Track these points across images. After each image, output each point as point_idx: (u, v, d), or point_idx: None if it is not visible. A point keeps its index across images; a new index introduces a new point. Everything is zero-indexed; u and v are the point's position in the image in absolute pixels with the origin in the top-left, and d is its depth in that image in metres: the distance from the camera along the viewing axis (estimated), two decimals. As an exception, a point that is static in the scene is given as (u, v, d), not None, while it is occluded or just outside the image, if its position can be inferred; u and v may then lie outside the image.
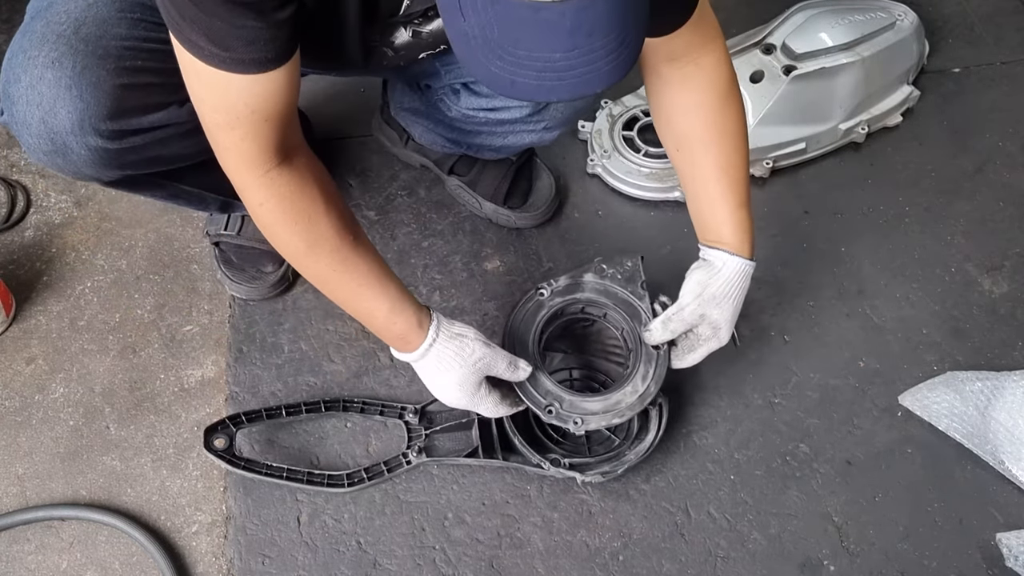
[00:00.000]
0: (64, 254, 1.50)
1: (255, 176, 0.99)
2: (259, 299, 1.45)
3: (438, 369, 1.12)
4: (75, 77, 0.98)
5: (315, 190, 1.02)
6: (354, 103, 1.69)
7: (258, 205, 1.01)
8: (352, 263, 1.06)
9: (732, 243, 1.18)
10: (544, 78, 0.76)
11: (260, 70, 0.90)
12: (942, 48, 1.85)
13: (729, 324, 1.20)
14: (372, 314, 1.09)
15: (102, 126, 1.01)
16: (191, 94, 0.95)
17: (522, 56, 0.75)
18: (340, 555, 1.24)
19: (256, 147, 0.96)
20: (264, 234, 1.06)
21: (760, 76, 1.60)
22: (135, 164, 1.09)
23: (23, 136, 1.02)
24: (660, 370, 1.21)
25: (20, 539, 1.24)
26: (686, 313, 1.19)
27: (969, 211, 1.61)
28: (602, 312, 1.29)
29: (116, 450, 1.32)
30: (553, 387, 1.19)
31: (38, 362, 1.39)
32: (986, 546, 1.26)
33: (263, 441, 1.32)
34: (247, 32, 0.86)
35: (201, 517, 1.26)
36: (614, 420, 1.18)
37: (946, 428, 1.34)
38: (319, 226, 1.02)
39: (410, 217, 1.57)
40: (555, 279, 1.27)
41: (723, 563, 1.24)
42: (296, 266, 1.09)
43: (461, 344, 1.12)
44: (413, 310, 1.10)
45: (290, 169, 1.00)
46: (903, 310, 1.49)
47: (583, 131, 1.66)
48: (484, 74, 0.79)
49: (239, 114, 0.93)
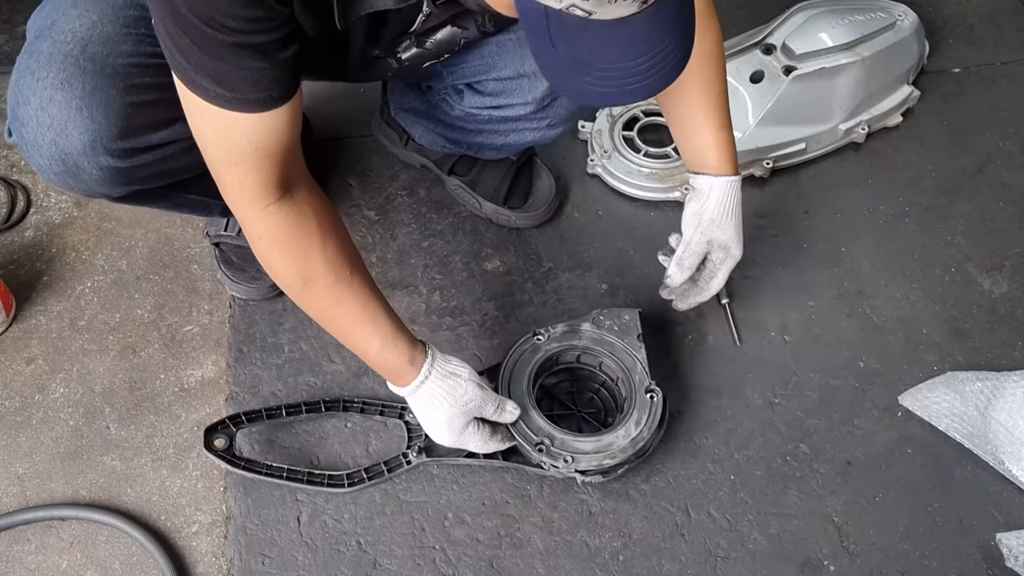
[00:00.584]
0: (64, 254, 1.51)
1: (255, 210, 1.00)
2: (259, 299, 1.45)
3: (430, 405, 1.14)
4: (85, 98, 0.98)
5: (312, 225, 1.03)
6: (354, 103, 1.69)
7: (257, 239, 1.03)
8: (347, 300, 1.08)
9: (716, 165, 1.23)
10: (625, 83, 0.81)
11: (265, 108, 0.91)
12: (942, 48, 1.85)
13: (736, 239, 1.26)
14: (365, 350, 1.12)
15: (113, 145, 1.01)
16: (194, 131, 0.96)
17: (607, 69, 0.80)
18: (340, 555, 1.24)
19: (258, 182, 0.97)
20: (263, 266, 1.07)
21: (760, 76, 1.60)
22: (144, 179, 1.10)
23: (34, 157, 1.02)
24: (653, 418, 1.24)
25: (20, 539, 1.24)
26: (693, 244, 1.26)
27: (969, 211, 1.61)
28: (598, 361, 1.32)
29: (116, 450, 1.32)
30: (545, 425, 1.22)
31: (38, 362, 1.39)
32: (986, 546, 1.26)
33: (263, 441, 1.32)
34: (251, 73, 0.88)
35: (201, 517, 1.26)
36: (605, 461, 1.21)
37: (946, 428, 1.34)
38: (314, 262, 1.04)
39: (410, 217, 1.57)
40: (552, 326, 1.32)
41: (723, 563, 1.24)
42: (292, 299, 1.11)
43: (454, 384, 1.14)
44: (406, 347, 1.12)
45: (290, 203, 1.01)
46: (903, 310, 1.49)
47: (583, 131, 1.66)
48: (574, 91, 0.85)
49: (243, 151, 0.94)
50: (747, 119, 1.59)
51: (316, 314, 1.11)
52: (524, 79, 1.20)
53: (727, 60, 1.62)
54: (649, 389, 1.27)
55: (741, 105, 1.60)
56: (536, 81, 1.20)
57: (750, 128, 1.58)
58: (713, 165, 1.23)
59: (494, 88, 1.24)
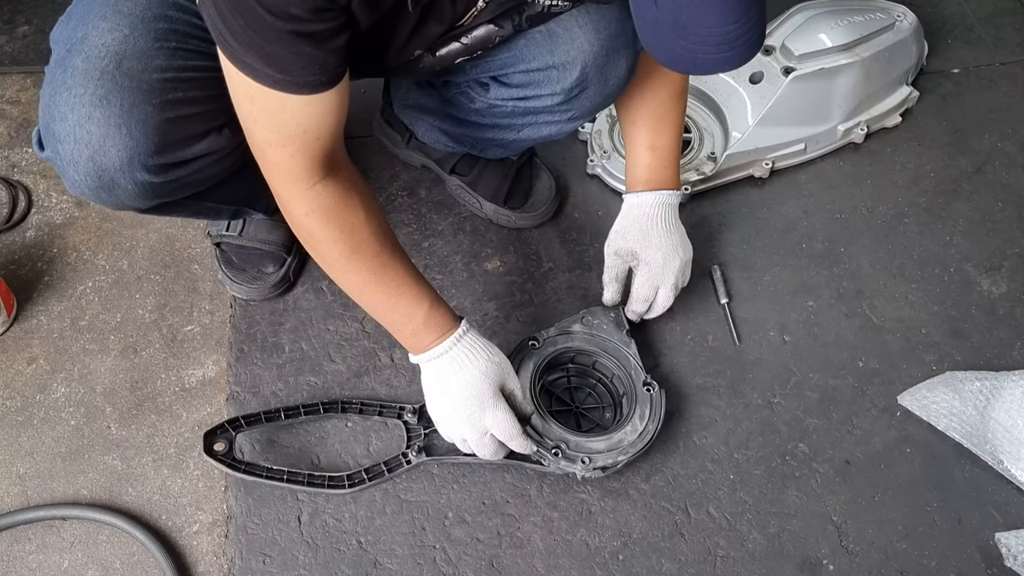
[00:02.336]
0: (65, 254, 1.51)
1: (301, 189, 1.02)
2: (260, 299, 1.45)
3: (467, 357, 1.15)
4: (124, 115, 0.98)
5: (356, 200, 1.07)
6: (354, 103, 1.66)
7: (304, 215, 1.05)
8: (392, 267, 1.12)
9: (637, 183, 1.31)
10: (720, 50, 0.84)
11: (314, 91, 0.93)
12: (941, 49, 1.86)
13: (644, 246, 1.30)
14: (412, 313, 1.13)
15: (150, 162, 1.02)
16: (240, 113, 0.97)
17: (704, 33, 0.83)
18: (341, 554, 1.24)
19: (305, 163, 1.00)
20: (306, 241, 1.10)
21: (759, 77, 1.61)
22: (173, 192, 1.11)
23: (68, 173, 1.03)
24: (657, 410, 1.27)
25: (21, 538, 1.24)
26: (606, 261, 1.34)
27: (968, 211, 1.61)
28: (592, 360, 1.34)
29: (117, 450, 1.32)
30: (557, 429, 1.24)
31: (39, 362, 1.40)
32: (985, 546, 1.26)
33: (264, 441, 1.32)
34: (303, 58, 0.89)
35: (202, 516, 1.27)
36: (619, 457, 1.23)
37: (945, 428, 1.34)
38: (361, 233, 1.08)
39: (411, 217, 1.57)
40: (545, 330, 1.34)
41: (722, 562, 1.25)
42: (336, 272, 1.12)
43: (487, 343, 1.18)
44: (449, 309, 1.16)
45: (335, 181, 1.04)
46: (902, 310, 1.49)
47: (583, 132, 1.66)
48: (669, 55, 0.87)
49: (291, 133, 0.96)
50: (746, 120, 1.59)
51: (360, 284, 1.12)
52: (553, 70, 1.19)
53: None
54: (646, 383, 1.29)
55: (741, 106, 1.61)
56: (564, 72, 1.19)
57: (749, 129, 1.58)
58: (628, 184, 1.33)
59: (521, 80, 1.23)
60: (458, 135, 1.46)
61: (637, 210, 1.30)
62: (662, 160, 1.29)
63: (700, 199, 1.61)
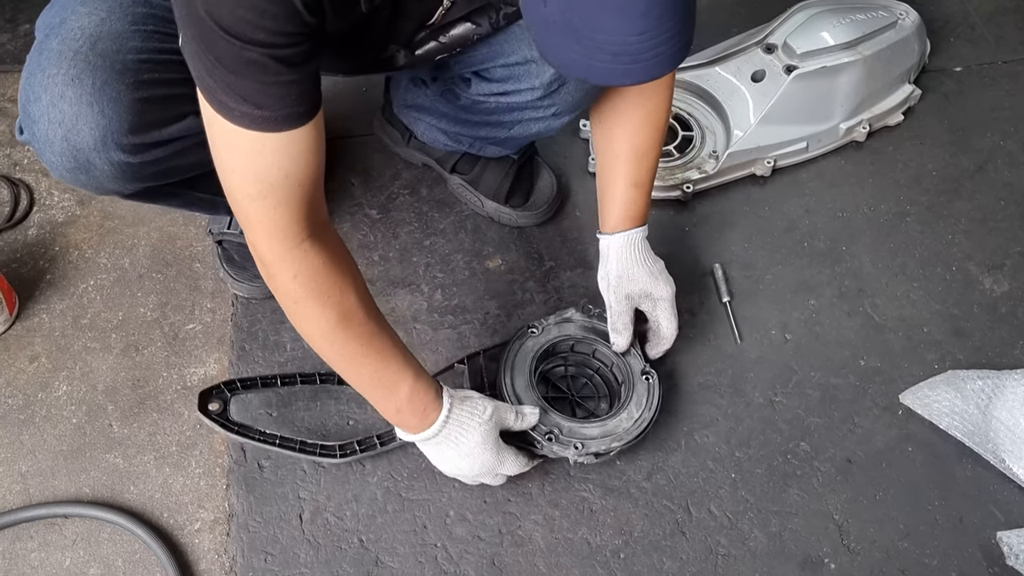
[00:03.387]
0: (67, 252, 1.51)
1: (287, 248, 0.96)
2: (261, 298, 1.45)
3: (461, 433, 1.14)
4: (95, 93, 0.98)
5: (345, 265, 1.02)
6: (356, 102, 1.70)
7: (291, 279, 0.98)
8: (379, 336, 1.07)
9: (613, 223, 1.26)
10: (619, 61, 0.79)
11: (293, 126, 0.89)
12: (943, 47, 1.85)
13: (654, 282, 1.27)
14: (397, 386, 1.09)
15: (124, 140, 1.02)
16: (220, 167, 0.94)
17: (600, 40, 0.78)
18: (342, 552, 1.24)
19: (289, 215, 0.94)
20: (290, 310, 1.03)
21: (761, 75, 1.60)
22: (155, 176, 1.10)
23: (45, 154, 1.03)
24: (653, 399, 1.27)
25: (24, 536, 1.24)
26: (615, 306, 1.27)
27: (970, 210, 1.61)
28: (591, 348, 1.34)
29: (119, 448, 1.32)
30: (553, 416, 1.23)
31: (41, 360, 1.40)
32: (987, 544, 1.26)
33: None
34: (278, 88, 0.86)
35: (203, 514, 1.27)
36: (613, 444, 1.22)
37: (947, 427, 1.34)
38: (350, 300, 1.02)
39: (412, 216, 1.57)
40: (545, 318, 1.34)
41: (724, 561, 1.25)
42: (320, 342, 1.05)
43: (472, 405, 1.15)
44: (430, 381, 1.12)
45: (322, 243, 0.99)
46: (904, 309, 1.49)
47: (584, 130, 1.66)
48: (561, 59, 0.82)
49: (273, 180, 0.91)
50: (748, 118, 1.59)
51: (347, 355, 1.07)
52: (531, 64, 1.20)
53: (729, 59, 1.64)
54: (644, 372, 1.29)
55: (742, 104, 1.61)
56: (543, 66, 1.19)
57: (751, 127, 1.58)
58: (610, 224, 1.26)
59: (501, 74, 1.24)
60: (455, 134, 1.46)
61: (630, 251, 1.26)
62: (644, 196, 1.26)
63: (702, 197, 1.61)
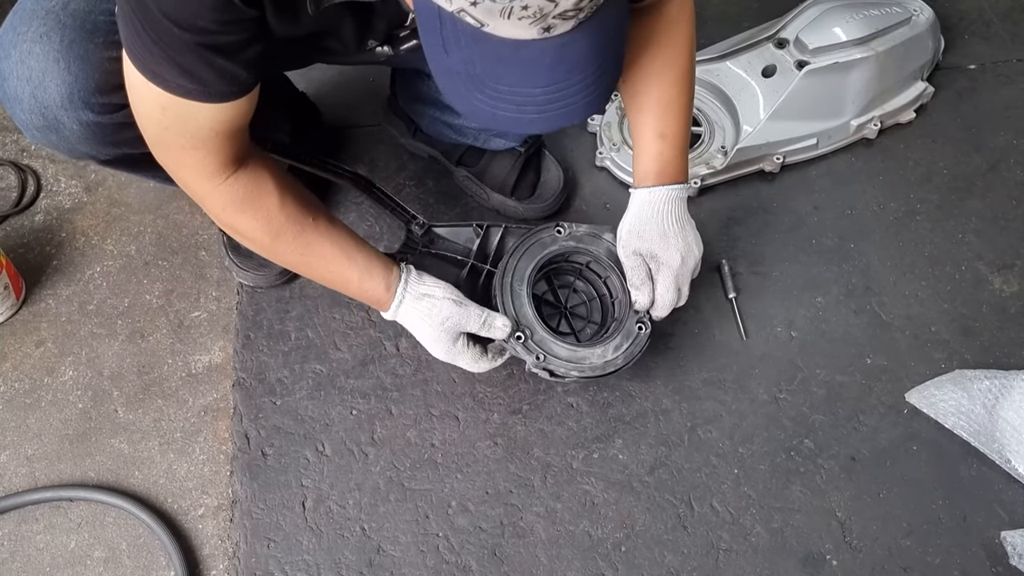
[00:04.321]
0: (74, 239, 1.52)
1: (214, 185, 1.03)
2: (266, 287, 1.46)
3: (411, 326, 1.18)
4: (63, 50, 0.99)
5: (270, 185, 1.07)
6: (363, 92, 1.70)
7: (221, 209, 1.07)
8: (316, 244, 1.12)
9: (638, 176, 1.22)
10: (524, 111, 0.78)
11: (227, 100, 0.93)
12: (958, 44, 1.84)
13: (664, 247, 1.21)
14: (346, 285, 1.16)
15: (92, 100, 1.02)
16: (148, 123, 0.97)
17: (503, 91, 0.77)
18: (344, 540, 1.25)
19: (218, 162, 1.01)
20: (230, 233, 1.12)
21: (772, 70, 1.59)
22: (129, 142, 1.09)
23: (15, 112, 1.04)
24: (633, 349, 1.21)
25: (29, 519, 1.25)
26: (624, 262, 1.23)
27: (981, 209, 1.60)
28: (605, 275, 1.30)
29: (124, 433, 1.33)
30: (532, 318, 1.20)
31: (47, 345, 1.41)
32: (990, 544, 1.26)
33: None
34: (215, 69, 0.89)
35: (207, 500, 1.27)
36: (572, 372, 1.19)
37: (953, 426, 1.33)
38: (278, 217, 1.08)
39: (419, 207, 1.57)
40: (577, 224, 1.29)
41: (725, 556, 1.24)
42: (265, 253, 1.14)
43: (428, 304, 1.16)
44: (382, 275, 1.15)
45: (246, 171, 1.05)
46: (912, 307, 1.48)
47: (592, 124, 1.65)
48: (466, 106, 0.82)
49: (204, 137, 0.97)
50: (758, 113, 1.58)
51: (292, 264, 1.15)
52: None
53: (740, 54, 1.63)
54: (640, 320, 1.24)
55: (752, 99, 1.60)
56: None
57: (761, 122, 1.57)
58: (636, 178, 1.22)
59: None
60: (459, 126, 1.46)
61: (650, 208, 1.20)
62: (673, 149, 1.21)
63: (710, 193, 1.60)
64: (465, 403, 1.36)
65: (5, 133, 1.63)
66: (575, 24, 0.74)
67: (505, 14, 0.70)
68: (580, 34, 0.75)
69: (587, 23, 0.75)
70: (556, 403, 1.36)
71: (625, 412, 1.36)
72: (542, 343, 1.19)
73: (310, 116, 1.60)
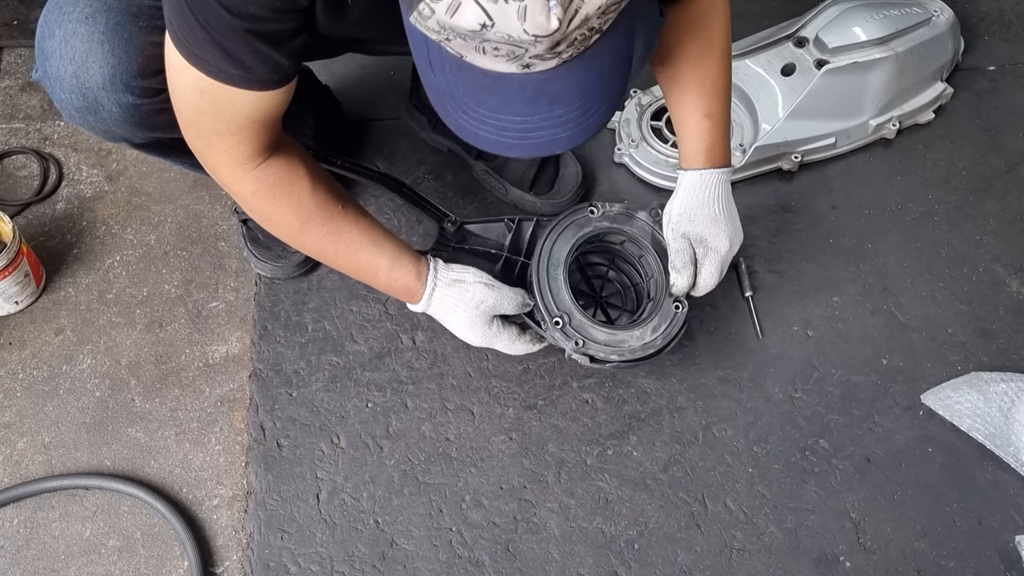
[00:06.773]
0: (94, 227, 1.52)
1: (246, 171, 1.04)
2: (284, 278, 1.46)
3: (445, 314, 1.18)
4: (108, 32, 0.99)
5: (300, 171, 1.08)
6: (384, 86, 1.70)
7: (250, 195, 1.06)
8: (346, 231, 1.12)
9: (687, 158, 1.20)
10: (505, 136, 0.80)
11: (267, 88, 0.93)
12: (978, 45, 1.83)
13: (714, 232, 1.20)
14: (375, 274, 1.15)
15: (133, 83, 1.02)
16: (184, 104, 0.97)
17: (484, 115, 0.79)
18: (358, 533, 1.25)
19: (251, 148, 1.01)
20: (258, 218, 1.12)
21: (792, 69, 1.59)
22: (165, 126, 1.09)
23: (55, 91, 1.04)
24: (671, 330, 1.20)
25: (45, 506, 1.26)
26: (671, 243, 1.21)
27: (999, 211, 1.59)
28: (640, 254, 1.29)
29: (141, 422, 1.34)
30: (570, 303, 1.19)
31: (66, 333, 1.41)
32: (1004, 548, 1.25)
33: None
34: (260, 56, 0.89)
35: (222, 491, 1.28)
36: (612, 356, 1.18)
37: (968, 428, 1.33)
38: (309, 204, 1.08)
39: (437, 201, 1.56)
40: (611, 204, 1.28)
41: (738, 555, 1.24)
42: (292, 242, 1.14)
43: (461, 289, 1.16)
44: (411, 263, 1.15)
45: (277, 159, 1.05)
46: (928, 308, 1.47)
47: (611, 120, 1.65)
48: (451, 123, 0.85)
49: (240, 123, 0.97)
50: (777, 112, 1.58)
51: (320, 252, 1.15)
52: None
53: (759, 52, 1.62)
54: (676, 299, 1.22)
55: (771, 98, 1.59)
56: None
57: (780, 121, 1.56)
58: (685, 159, 1.21)
59: None
60: None
61: (702, 191, 1.19)
62: (719, 128, 1.20)
63: (727, 191, 1.60)
64: (480, 397, 1.36)
65: (28, 122, 1.64)
66: (558, 63, 0.75)
67: (480, 51, 0.72)
68: (566, 71, 0.76)
69: (574, 61, 0.76)
70: (571, 399, 1.36)
71: (640, 409, 1.36)
72: (580, 328, 1.19)
73: (333, 111, 1.60)
